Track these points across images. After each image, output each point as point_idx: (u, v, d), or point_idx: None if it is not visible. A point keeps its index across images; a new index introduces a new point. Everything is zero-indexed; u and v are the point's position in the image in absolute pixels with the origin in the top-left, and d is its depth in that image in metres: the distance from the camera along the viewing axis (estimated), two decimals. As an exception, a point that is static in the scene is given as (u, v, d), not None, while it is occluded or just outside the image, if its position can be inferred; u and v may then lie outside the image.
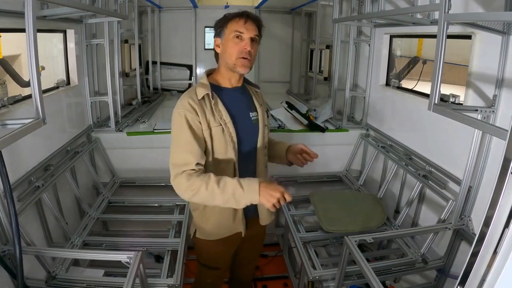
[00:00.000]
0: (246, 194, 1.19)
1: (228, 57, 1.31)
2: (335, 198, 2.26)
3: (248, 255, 1.71)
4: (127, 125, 2.65)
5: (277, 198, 1.17)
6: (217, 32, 1.35)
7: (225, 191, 1.20)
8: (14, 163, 1.62)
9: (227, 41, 1.30)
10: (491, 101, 1.55)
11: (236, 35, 1.28)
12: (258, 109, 1.44)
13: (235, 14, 1.32)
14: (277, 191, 1.17)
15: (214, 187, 1.20)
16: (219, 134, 1.31)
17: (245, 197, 1.20)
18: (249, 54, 1.30)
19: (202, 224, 1.48)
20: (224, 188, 1.20)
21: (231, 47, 1.29)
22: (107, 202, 2.28)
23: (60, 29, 2.20)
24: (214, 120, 1.30)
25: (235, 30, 1.28)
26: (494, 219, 0.66)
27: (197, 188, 1.21)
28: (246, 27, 1.28)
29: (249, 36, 1.28)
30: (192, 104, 1.27)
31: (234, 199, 1.20)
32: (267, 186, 1.19)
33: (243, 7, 4.31)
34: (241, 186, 1.20)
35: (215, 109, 1.31)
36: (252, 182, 1.20)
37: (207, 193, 1.21)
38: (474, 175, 1.63)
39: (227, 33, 1.31)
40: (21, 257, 1.25)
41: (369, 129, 2.74)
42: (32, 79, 1.17)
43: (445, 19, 1.24)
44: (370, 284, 1.32)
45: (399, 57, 2.63)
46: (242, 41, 1.28)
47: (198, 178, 1.22)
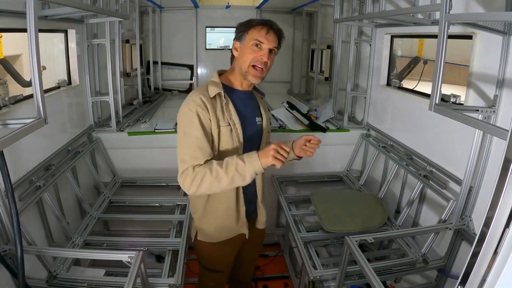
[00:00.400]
0: (248, 165, 1.20)
1: (242, 62, 1.31)
2: (336, 198, 2.26)
3: (248, 255, 1.71)
4: (128, 125, 2.65)
5: (274, 151, 1.18)
6: (237, 35, 1.34)
7: (228, 169, 1.20)
8: (15, 162, 1.62)
9: (246, 47, 1.30)
10: (491, 101, 1.54)
11: (256, 43, 1.28)
12: (263, 115, 1.46)
13: (259, 21, 1.31)
14: (271, 149, 1.18)
15: (218, 169, 1.21)
16: (227, 134, 1.31)
17: (248, 168, 1.20)
18: (265, 65, 1.30)
19: (203, 226, 1.48)
20: (227, 167, 1.21)
21: (248, 54, 1.29)
22: (108, 202, 2.29)
23: (61, 29, 2.21)
24: (223, 120, 1.30)
25: (256, 38, 1.28)
26: (495, 219, 0.66)
27: (201, 176, 1.21)
28: (267, 37, 1.28)
29: (268, 47, 1.28)
30: (204, 101, 1.26)
31: (238, 174, 1.20)
32: (263, 150, 1.22)
33: (244, 7, 4.36)
34: (242, 160, 1.21)
35: (226, 109, 1.31)
36: (251, 153, 1.22)
37: (212, 177, 1.21)
38: (474, 175, 1.63)
39: (247, 39, 1.30)
40: (22, 257, 1.25)
41: (370, 129, 2.74)
42: (33, 79, 1.17)
43: (446, 19, 1.23)
44: (371, 284, 1.32)
45: (400, 57, 2.63)
46: (260, 50, 1.28)
47: (200, 167, 1.23)
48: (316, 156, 2.76)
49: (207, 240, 1.49)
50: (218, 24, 4.16)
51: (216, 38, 4.21)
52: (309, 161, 2.74)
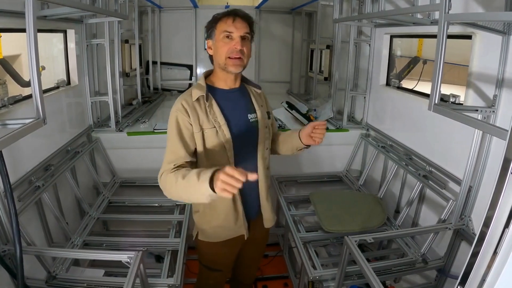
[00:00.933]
0: (201, 181, 1.04)
1: (219, 57, 1.30)
2: (335, 198, 2.26)
3: (251, 257, 1.70)
4: (128, 125, 2.65)
5: (221, 182, 0.97)
6: (208, 34, 1.34)
7: (188, 183, 1.10)
8: (14, 163, 1.62)
9: (217, 42, 1.29)
10: (491, 101, 1.55)
11: (226, 35, 1.27)
12: (257, 110, 1.42)
13: (223, 13, 1.30)
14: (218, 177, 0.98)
15: (181, 180, 1.13)
16: (213, 136, 1.30)
17: (200, 184, 1.04)
18: (241, 52, 1.27)
19: (203, 226, 1.47)
20: (188, 180, 1.10)
21: (221, 47, 1.28)
22: (107, 202, 2.28)
23: (61, 29, 2.20)
24: (207, 122, 1.29)
25: (224, 30, 1.27)
26: (494, 219, 0.66)
27: (170, 183, 1.19)
28: (235, 25, 1.26)
29: (239, 34, 1.26)
30: (184, 106, 1.28)
31: (194, 189, 1.08)
32: (220, 171, 0.99)
33: (243, 7, 4.34)
34: (197, 177, 1.06)
35: (209, 111, 1.30)
36: (208, 173, 1.04)
37: (175, 188, 1.17)
38: (474, 175, 1.63)
39: (217, 34, 1.29)
40: (22, 257, 1.25)
41: (369, 129, 2.74)
42: (32, 79, 1.17)
43: (446, 19, 1.23)
44: (370, 284, 1.32)
45: (399, 57, 2.63)
46: (232, 40, 1.27)
47: (171, 173, 1.20)
48: (316, 156, 2.80)
49: (207, 239, 1.49)
50: (217, 24, 4.16)
51: (215, 38, 4.21)
52: (309, 161, 2.76)
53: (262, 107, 1.45)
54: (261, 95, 1.50)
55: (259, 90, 1.48)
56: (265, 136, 1.43)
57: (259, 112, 1.42)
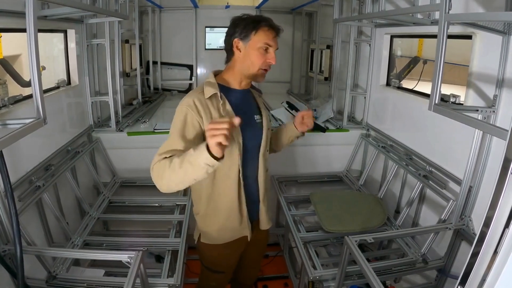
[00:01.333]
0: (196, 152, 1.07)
1: (250, 65, 1.30)
2: (336, 198, 2.26)
3: (252, 258, 1.70)
4: (128, 125, 2.65)
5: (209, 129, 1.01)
6: (240, 34, 1.29)
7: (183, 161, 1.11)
8: (14, 163, 1.62)
9: (253, 49, 1.28)
10: (491, 101, 1.54)
11: (266, 48, 1.28)
12: (262, 112, 1.45)
13: (266, 22, 1.29)
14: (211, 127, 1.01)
15: (175, 160, 1.13)
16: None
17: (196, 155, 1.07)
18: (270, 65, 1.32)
19: (206, 228, 1.47)
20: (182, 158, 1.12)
21: (256, 57, 1.28)
22: (107, 202, 2.28)
23: (61, 29, 2.20)
24: None
25: (266, 42, 1.27)
26: (495, 219, 0.66)
27: (162, 169, 1.15)
28: (275, 40, 1.29)
29: (275, 49, 1.29)
30: (196, 103, 1.25)
31: (190, 164, 1.09)
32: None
33: (243, 8, 4.36)
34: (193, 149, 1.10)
35: (223, 110, 1.30)
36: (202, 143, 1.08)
37: (170, 169, 1.13)
38: (474, 175, 1.63)
39: (254, 41, 1.28)
40: (22, 257, 1.25)
41: (369, 129, 2.74)
42: (32, 79, 1.17)
43: (446, 19, 1.23)
44: (371, 284, 1.32)
45: (400, 57, 2.63)
46: (268, 54, 1.28)
47: (163, 160, 1.17)
48: (316, 156, 2.79)
49: (210, 242, 1.48)
50: (217, 24, 4.15)
51: (215, 38, 4.20)
52: (309, 161, 2.76)
53: (265, 111, 1.48)
54: (261, 100, 1.53)
55: (260, 94, 1.53)
56: (267, 138, 1.45)
57: (264, 114, 1.45)
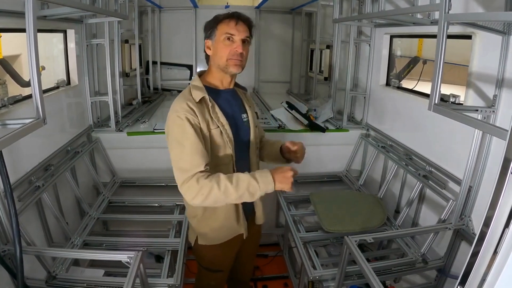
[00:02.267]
0: (262, 185, 1.20)
1: (219, 59, 1.30)
2: (335, 198, 2.26)
3: (247, 254, 1.71)
4: (127, 125, 2.65)
5: (292, 178, 1.21)
6: (207, 34, 1.33)
7: (239, 187, 1.19)
8: (14, 163, 1.62)
9: (218, 43, 1.29)
10: (491, 101, 1.55)
11: (227, 37, 1.27)
12: (248, 111, 1.45)
13: (226, 15, 1.30)
14: (289, 171, 1.21)
15: (228, 185, 1.18)
16: (218, 136, 1.31)
17: (261, 189, 1.20)
18: (241, 56, 1.29)
19: (204, 229, 1.46)
20: (237, 184, 1.19)
21: (222, 49, 1.28)
22: (107, 202, 2.28)
23: (61, 29, 2.20)
24: (212, 123, 1.30)
25: (226, 32, 1.27)
26: (494, 219, 0.66)
27: (208, 190, 1.17)
28: (237, 28, 1.27)
29: (240, 38, 1.27)
30: (191, 106, 1.25)
31: (249, 192, 1.20)
32: (278, 172, 1.22)
33: (243, 7, 4.36)
34: (255, 179, 1.20)
35: (212, 112, 1.30)
36: (265, 173, 1.22)
37: (220, 192, 1.18)
38: (474, 175, 1.63)
39: (217, 35, 1.29)
40: (21, 257, 1.25)
41: (369, 129, 2.74)
42: (32, 79, 1.17)
43: (445, 19, 1.24)
44: (370, 284, 1.32)
45: (399, 57, 2.63)
46: (233, 43, 1.27)
47: (207, 179, 1.18)
48: (316, 156, 2.79)
49: (209, 243, 1.48)
50: (217, 24, 4.16)
51: (215, 38, 4.21)
52: (309, 161, 2.75)
53: (251, 108, 1.48)
54: (247, 97, 1.53)
55: (246, 91, 1.52)
56: (256, 136, 1.46)
57: (249, 112, 1.45)
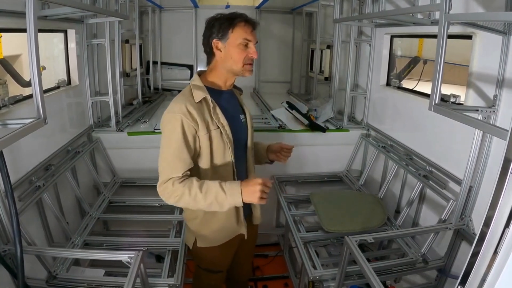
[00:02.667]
0: (229, 197, 1.21)
1: (233, 63, 1.30)
2: (336, 198, 2.26)
3: (245, 254, 1.71)
4: (128, 125, 2.65)
5: (260, 191, 1.19)
6: (217, 34, 1.28)
7: (207, 195, 1.22)
8: (15, 163, 1.62)
9: (233, 47, 1.27)
10: (491, 101, 1.55)
11: (245, 43, 1.28)
12: (245, 111, 1.47)
13: (241, 18, 1.28)
14: (256, 184, 1.19)
15: (197, 192, 1.21)
16: (218, 137, 1.30)
17: (228, 201, 1.22)
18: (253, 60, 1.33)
19: (204, 231, 1.46)
20: (206, 192, 1.22)
21: (238, 54, 1.28)
22: (107, 202, 2.28)
23: (61, 29, 2.21)
24: (212, 123, 1.29)
25: (245, 37, 1.27)
26: (495, 219, 0.66)
27: (180, 194, 1.22)
28: (253, 34, 1.29)
29: (254, 43, 1.30)
30: (189, 109, 1.23)
31: (217, 202, 1.23)
32: (247, 184, 1.22)
33: (243, 7, 4.36)
34: (223, 190, 1.22)
35: (213, 113, 1.30)
36: (234, 185, 1.23)
37: (190, 198, 1.22)
38: (474, 175, 1.63)
39: (232, 38, 1.27)
40: (22, 257, 1.26)
41: (369, 129, 2.74)
42: (33, 79, 1.17)
43: (446, 19, 1.24)
44: (371, 284, 1.32)
45: (400, 57, 2.63)
46: (249, 48, 1.29)
47: (180, 184, 1.23)
48: (316, 156, 2.80)
49: (209, 245, 1.48)
50: (217, 24, 4.16)
51: (215, 38, 4.21)
52: (309, 161, 2.76)
53: (247, 109, 1.50)
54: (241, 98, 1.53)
55: (241, 92, 1.53)
56: (252, 136, 1.48)
57: (247, 113, 1.47)
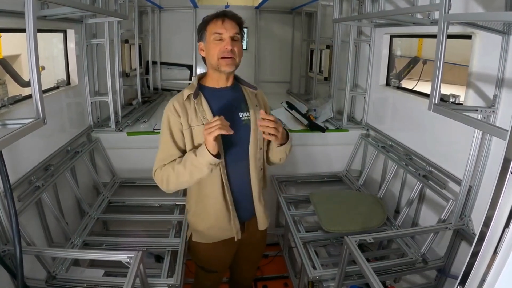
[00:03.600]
0: (199, 157, 1.24)
1: (211, 58, 1.32)
2: (335, 198, 2.26)
3: (248, 259, 1.69)
4: (127, 125, 2.65)
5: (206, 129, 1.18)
6: (199, 36, 1.36)
7: (186, 164, 1.27)
8: (14, 163, 1.62)
9: (208, 43, 1.31)
10: (491, 101, 1.54)
11: (216, 37, 1.29)
12: (250, 109, 1.40)
13: (213, 15, 1.33)
14: (208, 125, 1.18)
15: (178, 166, 1.29)
16: (202, 133, 1.26)
17: (200, 160, 1.24)
18: (232, 52, 1.29)
19: (197, 226, 1.47)
20: (184, 162, 1.28)
21: (212, 49, 1.30)
22: (107, 202, 2.28)
23: (60, 29, 2.20)
24: (196, 119, 1.31)
25: (214, 31, 1.29)
26: (494, 219, 0.66)
27: (166, 175, 1.31)
28: (224, 26, 1.28)
29: (228, 35, 1.28)
30: (175, 106, 1.32)
31: (194, 167, 1.26)
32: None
33: (243, 8, 4.36)
34: (194, 153, 1.26)
35: (198, 109, 1.32)
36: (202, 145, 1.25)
37: (174, 174, 1.29)
38: (474, 175, 1.63)
39: (207, 36, 1.31)
40: (21, 257, 1.25)
41: (369, 129, 2.74)
42: (32, 79, 1.17)
43: (445, 19, 1.24)
44: (370, 284, 1.32)
45: (399, 57, 2.63)
46: (222, 41, 1.29)
47: (166, 166, 1.33)
48: (316, 156, 2.80)
49: (201, 240, 1.48)
50: (217, 24, 4.16)
51: (215, 38, 4.21)
52: (309, 161, 2.76)
53: (257, 107, 1.42)
54: (258, 96, 1.48)
55: (254, 90, 1.46)
56: (257, 137, 1.40)
57: (252, 111, 1.40)
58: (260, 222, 1.52)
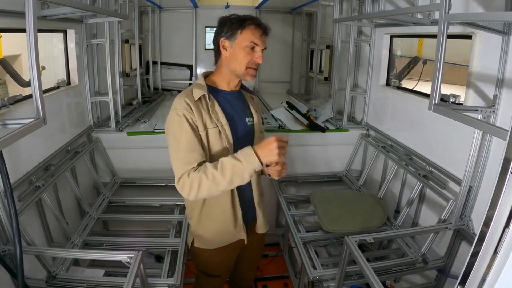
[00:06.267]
0: (246, 164, 1.15)
1: (237, 64, 1.28)
2: (336, 198, 2.26)
3: (248, 261, 1.69)
4: (128, 125, 2.65)
5: (277, 148, 1.12)
6: (226, 33, 1.28)
7: (224, 172, 1.16)
8: (14, 163, 1.62)
9: (239, 48, 1.26)
10: (491, 101, 1.54)
11: (252, 46, 1.26)
12: (254, 115, 1.42)
13: (252, 21, 1.27)
14: (271, 143, 1.13)
15: (214, 172, 1.16)
16: (216, 136, 1.28)
17: (247, 168, 1.15)
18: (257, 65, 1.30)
19: (200, 232, 1.45)
20: (223, 169, 1.16)
21: (243, 56, 1.27)
22: (107, 202, 2.28)
23: (61, 29, 2.21)
24: (210, 122, 1.28)
25: (252, 41, 1.25)
26: (494, 219, 0.66)
27: (198, 182, 1.17)
28: (261, 39, 1.27)
29: (262, 48, 1.28)
30: (189, 104, 1.24)
31: (237, 174, 1.16)
32: (260, 147, 1.16)
33: (243, 7, 4.36)
34: (239, 160, 1.16)
35: (212, 111, 1.28)
36: (246, 151, 1.17)
37: (209, 181, 1.17)
38: (474, 175, 1.63)
39: (240, 40, 1.26)
40: (22, 257, 1.25)
41: (369, 129, 2.74)
42: (32, 79, 1.17)
43: (446, 19, 1.24)
44: (371, 284, 1.32)
45: (400, 57, 2.63)
46: (255, 52, 1.27)
47: (195, 172, 1.19)
48: (316, 156, 2.80)
49: (205, 246, 1.46)
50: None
51: (215, 38, 4.22)
52: (309, 161, 2.76)
53: (257, 113, 1.45)
54: (255, 101, 1.50)
55: (254, 96, 1.50)
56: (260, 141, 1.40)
57: (255, 116, 1.42)
58: (260, 226, 1.52)
